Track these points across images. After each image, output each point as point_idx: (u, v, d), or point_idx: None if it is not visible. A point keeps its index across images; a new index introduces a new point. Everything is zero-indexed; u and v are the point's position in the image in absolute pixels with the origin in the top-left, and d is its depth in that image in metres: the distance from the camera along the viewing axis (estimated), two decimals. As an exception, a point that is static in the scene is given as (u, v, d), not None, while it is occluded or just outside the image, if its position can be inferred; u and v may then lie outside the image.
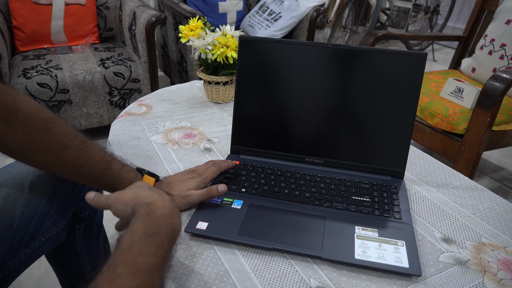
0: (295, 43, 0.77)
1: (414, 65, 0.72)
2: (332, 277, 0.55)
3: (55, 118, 0.57)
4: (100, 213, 0.90)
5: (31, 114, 0.55)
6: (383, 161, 0.76)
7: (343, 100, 0.76)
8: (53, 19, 2.02)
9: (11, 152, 0.57)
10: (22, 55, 1.95)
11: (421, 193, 0.75)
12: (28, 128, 0.55)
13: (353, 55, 0.74)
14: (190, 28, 1.05)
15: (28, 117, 0.55)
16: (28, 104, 0.55)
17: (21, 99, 0.55)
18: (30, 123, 0.55)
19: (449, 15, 3.87)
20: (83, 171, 0.60)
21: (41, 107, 0.57)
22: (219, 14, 2.39)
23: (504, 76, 1.27)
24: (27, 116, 0.55)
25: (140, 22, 1.96)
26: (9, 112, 0.53)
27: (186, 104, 1.08)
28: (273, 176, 0.74)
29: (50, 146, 0.56)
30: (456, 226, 0.66)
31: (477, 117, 1.30)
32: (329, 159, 0.78)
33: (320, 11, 2.30)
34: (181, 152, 0.85)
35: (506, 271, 0.57)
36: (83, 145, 0.59)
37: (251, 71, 0.79)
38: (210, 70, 1.06)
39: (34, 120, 0.55)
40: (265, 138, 0.80)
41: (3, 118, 0.53)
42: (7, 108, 0.53)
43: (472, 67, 1.76)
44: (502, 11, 1.68)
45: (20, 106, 0.54)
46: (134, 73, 1.92)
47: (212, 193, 0.65)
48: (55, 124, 0.57)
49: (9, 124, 0.54)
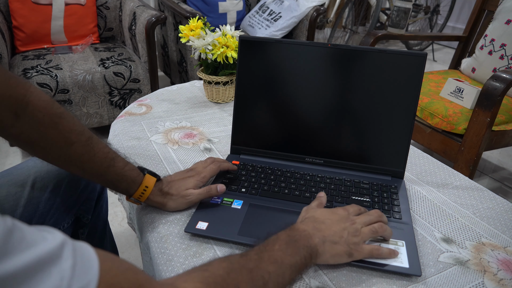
0: (295, 43, 0.77)
1: (414, 65, 0.72)
2: (332, 277, 0.55)
3: (63, 113, 0.57)
4: (104, 217, 0.89)
5: (40, 108, 0.55)
6: (383, 161, 0.76)
7: (343, 100, 0.76)
8: (53, 19, 2.02)
9: (18, 143, 0.57)
10: (22, 55, 1.95)
11: (421, 193, 0.75)
12: (36, 122, 0.55)
13: (353, 55, 0.74)
14: (190, 28, 1.05)
15: (37, 111, 0.55)
16: (39, 98, 0.55)
17: (32, 93, 0.55)
18: (38, 118, 0.55)
19: (449, 15, 3.87)
20: (87, 167, 0.60)
21: (50, 102, 0.57)
22: (219, 14, 2.39)
23: (504, 76, 1.27)
24: (36, 110, 0.55)
25: (140, 22, 1.96)
26: (19, 106, 0.54)
27: (186, 104, 1.08)
28: (273, 176, 0.74)
29: (56, 141, 0.57)
30: (456, 226, 0.66)
31: (477, 117, 1.30)
32: (329, 159, 0.78)
33: (320, 11, 2.30)
34: (181, 152, 0.85)
35: (506, 271, 0.57)
36: (89, 141, 0.59)
37: (251, 71, 0.79)
38: (210, 70, 1.06)
39: (42, 114, 0.55)
40: (265, 138, 0.80)
41: (11, 111, 0.53)
42: (17, 101, 0.53)
43: (472, 67, 1.76)
44: (502, 11, 1.68)
45: (30, 99, 0.54)
46: (134, 73, 1.92)
47: (211, 192, 0.65)
48: (62, 119, 0.57)
49: (17, 117, 0.54)
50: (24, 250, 0.24)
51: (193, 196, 0.64)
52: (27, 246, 0.25)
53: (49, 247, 0.26)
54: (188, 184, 0.65)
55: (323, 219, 0.56)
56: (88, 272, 0.28)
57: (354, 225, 0.56)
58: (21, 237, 0.25)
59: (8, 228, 0.25)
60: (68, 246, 0.28)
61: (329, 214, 0.58)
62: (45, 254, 0.26)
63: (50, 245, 0.27)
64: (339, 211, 0.59)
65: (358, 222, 0.57)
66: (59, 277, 0.26)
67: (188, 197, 0.64)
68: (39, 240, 0.26)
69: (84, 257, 0.29)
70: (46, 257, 0.25)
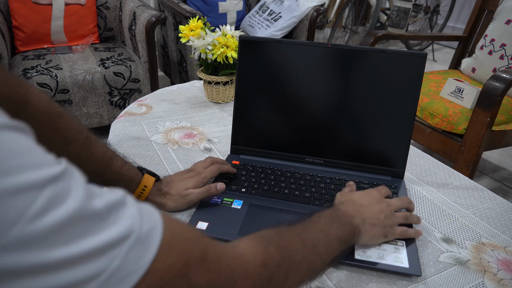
0: (295, 43, 0.77)
1: (414, 65, 0.72)
2: (332, 277, 0.55)
3: (62, 113, 0.58)
4: None
5: (40, 108, 0.55)
6: (383, 161, 0.76)
7: (343, 100, 0.76)
8: (53, 19, 2.02)
9: None
10: (22, 55, 1.95)
11: (421, 193, 0.75)
12: (34, 121, 0.55)
13: (353, 55, 0.74)
14: (190, 28, 1.05)
15: (36, 111, 0.55)
16: (39, 98, 0.56)
17: (32, 93, 0.55)
18: (37, 117, 0.55)
19: (449, 15, 3.87)
20: (85, 166, 0.60)
21: (50, 102, 0.57)
22: (219, 14, 2.39)
23: (504, 76, 1.27)
24: (36, 109, 0.55)
25: (140, 22, 1.96)
26: (18, 106, 0.54)
27: (186, 104, 1.08)
28: (273, 176, 0.74)
29: (54, 140, 0.57)
30: (456, 226, 0.66)
31: (477, 117, 1.30)
32: (329, 159, 0.78)
33: (320, 11, 2.30)
34: (181, 152, 0.85)
35: (506, 271, 0.57)
36: (87, 140, 0.59)
37: (251, 71, 0.79)
38: (210, 70, 1.06)
39: (41, 114, 0.55)
40: (265, 138, 0.80)
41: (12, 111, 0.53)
42: (17, 101, 0.54)
43: (472, 67, 1.76)
44: (502, 11, 1.68)
45: (30, 99, 0.55)
46: (134, 73, 1.92)
47: (211, 191, 0.65)
48: (61, 118, 0.57)
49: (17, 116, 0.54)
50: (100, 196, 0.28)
51: (193, 196, 0.64)
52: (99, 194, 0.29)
53: (116, 195, 0.30)
54: (188, 184, 0.65)
55: (361, 202, 0.59)
56: (152, 218, 0.31)
57: (389, 208, 0.59)
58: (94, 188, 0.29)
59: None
60: (130, 196, 0.31)
61: (366, 196, 0.61)
62: (114, 200, 0.29)
63: (116, 194, 0.30)
64: (373, 193, 0.62)
65: (392, 205, 0.60)
66: (131, 217, 0.29)
67: (188, 196, 0.64)
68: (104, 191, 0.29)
69: (145, 206, 0.32)
70: (115, 202, 0.29)
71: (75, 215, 0.25)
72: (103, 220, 0.27)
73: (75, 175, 0.28)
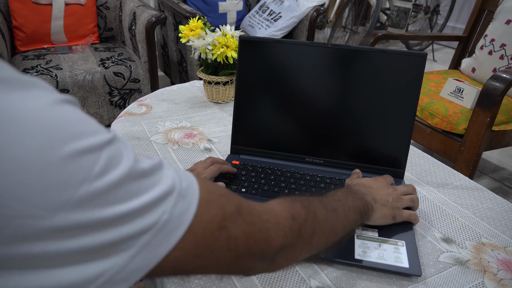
0: (295, 43, 0.77)
1: (414, 65, 0.72)
2: (332, 277, 0.55)
3: None
4: None
5: None
6: (383, 161, 0.76)
7: (343, 100, 0.76)
8: (53, 19, 2.02)
9: None
10: (22, 55, 1.95)
11: (421, 193, 0.75)
12: None
13: (353, 55, 0.74)
14: (190, 28, 1.05)
15: None
16: None
17: None
18: None
19: (449, 15, 3.87)
20: None
21: None
22: (219, 14, 2.39)
23: (504, 76, 1.27)
24: None
25: (140, 22, 1.96)
26: None
27: (186, 104, 1.08)
28: (273, 176, 0.74)
29: None
30: (456, 226, 0.66)
31: (477, 117, 1.30)
32: (329, 159, 0.78)
33: (320, 11, 2.30)
34: (181, 152, 0.85)
35: (506, 271, 0.57)
36: None
37: (251, 71, 0.79)
38: (210, 70, 1.06)
39: None
40: (265, 138, 0.80)
41: None
42: None
43: (472, 67, 1.76)
44: (502, 11, 1.68)
45: None
46: (134, 73, 1.92)
47: None
48: None
49: None
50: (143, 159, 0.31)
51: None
52: (141, 159, 0.32)
53: (155, 159, 0.32)
54: None
55: (370, 185, 0.63)
56: (188, 177, 0.33)
57: (396, 192, 0.64)
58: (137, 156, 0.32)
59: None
60: (165, 161, 0.34)
61: (374, 181, 0.65)
62: (155, 162, 0.32)
63: (155, 158, 0.33)
64: (380, 179, 0.66)
65: (398, 190, 0.64)
66: (171, 176, 0.32)
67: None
68: (142, 157, 0.32)
69: (179, 169, 0.35)
70: (157, 164, 0.32)
71: (129, 174, 0.28)
72: (150, 179, 0.30)
73: (123, 141, 0.31)
